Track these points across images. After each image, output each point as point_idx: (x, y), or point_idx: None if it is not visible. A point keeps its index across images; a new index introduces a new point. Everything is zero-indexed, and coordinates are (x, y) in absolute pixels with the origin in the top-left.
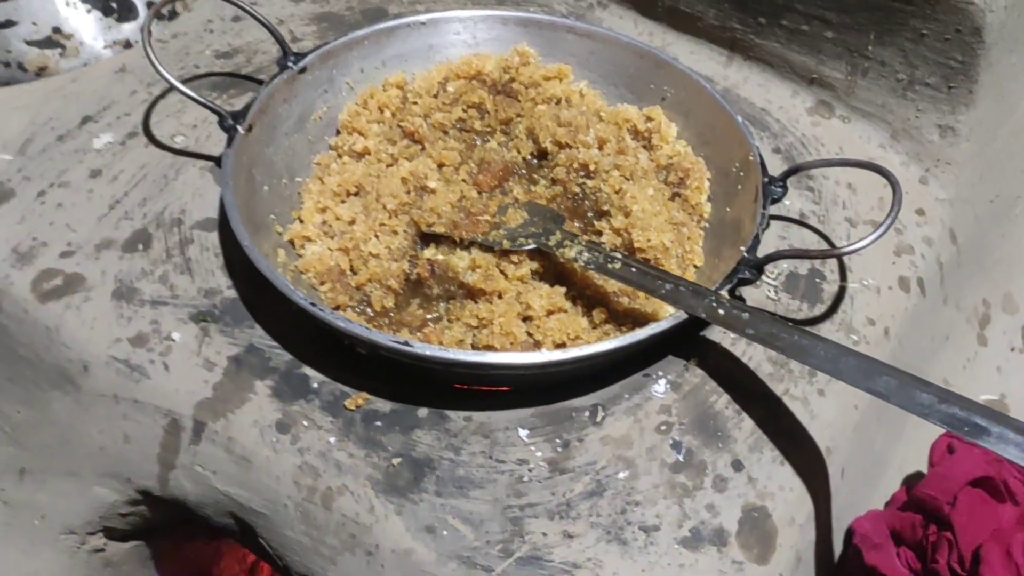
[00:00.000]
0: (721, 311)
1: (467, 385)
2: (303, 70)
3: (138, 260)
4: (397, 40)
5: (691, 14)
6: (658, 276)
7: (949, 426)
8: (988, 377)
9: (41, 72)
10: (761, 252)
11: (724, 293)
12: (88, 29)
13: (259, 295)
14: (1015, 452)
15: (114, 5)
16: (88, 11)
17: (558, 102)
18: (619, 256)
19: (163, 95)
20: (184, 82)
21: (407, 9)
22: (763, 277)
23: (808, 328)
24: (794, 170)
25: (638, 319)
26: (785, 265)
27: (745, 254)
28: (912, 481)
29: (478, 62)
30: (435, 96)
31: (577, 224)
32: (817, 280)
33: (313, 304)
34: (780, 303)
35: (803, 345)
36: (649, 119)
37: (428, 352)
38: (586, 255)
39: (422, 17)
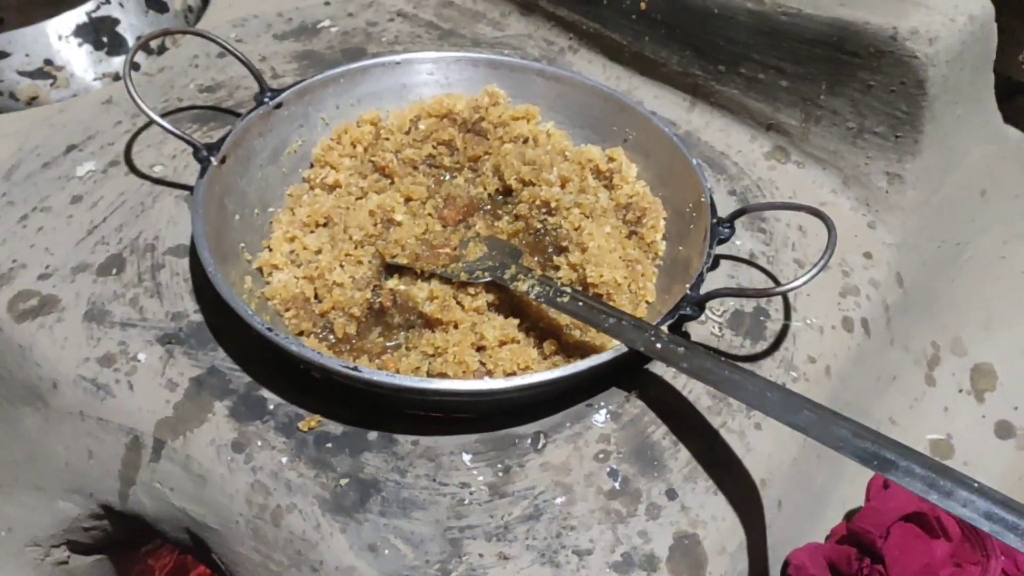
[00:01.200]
0: (659, 345)
1: (417, 411)
2: (279, 105)
3: (111, 283)
4: (372, 79)
5: (655, 60)
6: (602, 311)
7: (860, 459)
8: (935, 417)
9: (32, 101)
10: (707, 290)
11: (666, 329)
12: (79, 61)
13: (223, 320)
14: (920, 486)
15: (104, 39)
16: (79, 44)
17: (525, 141)
18: (568, 291)
19: (146, 126)
20: (167, 114)
21: (385, 50)
22: (708, 314)
23: (748, 365)
24: (741, 212)
25: (587, 351)
26: (731, 303)
27: (688, 291)
28: (853, 516)
29: (449, 101)
30: (407, 133)
31: (537, 259)
32: (761, 318)
33: (269, 329)
34: (723, 339)
35: (733, 380)
36: (611, 159)
37: (376, 377)
38: (537, 289)
39: (396, 57)
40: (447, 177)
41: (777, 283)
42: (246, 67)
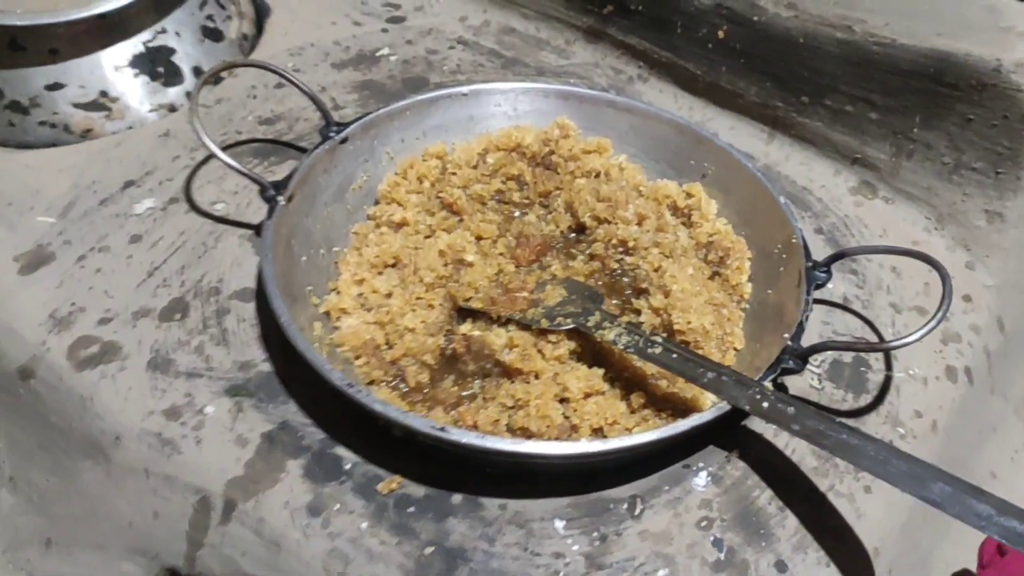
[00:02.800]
0: (765, 404)
1: (504, 472)
2: (344, 140)
3: (175, 330)
4: (438, 111)
5: (732, 91)
6: (700, 364)
7: (1008, 540)
8: None
9: (86, 134)
10: (805, 339)
11: (768, 383)
12: (134, 93)
13: (294, 369)
14: None
15: (160, 70)
16: (135, 75)
17: (597, 176)
18: (659, 340)
19: (205, 161)
20: (226, 148)
21: (448, 79)
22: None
23: (854, 421)
24: (839, 256)
25: (677, 404)
26: (829, 355)
27: (789, 342)
28: None
29: (518, 134)
30: (474, 167)
31: (615, 301)
32: (862, 369)
33: (350, 385)
34: (824, 392)
35: (851, 445)
36: (689, 195)
37: (465, 440)
38: (625, 338)
39: (464, 88)
40: (517, 214)
41: (875, 329)
42: (311, 100)
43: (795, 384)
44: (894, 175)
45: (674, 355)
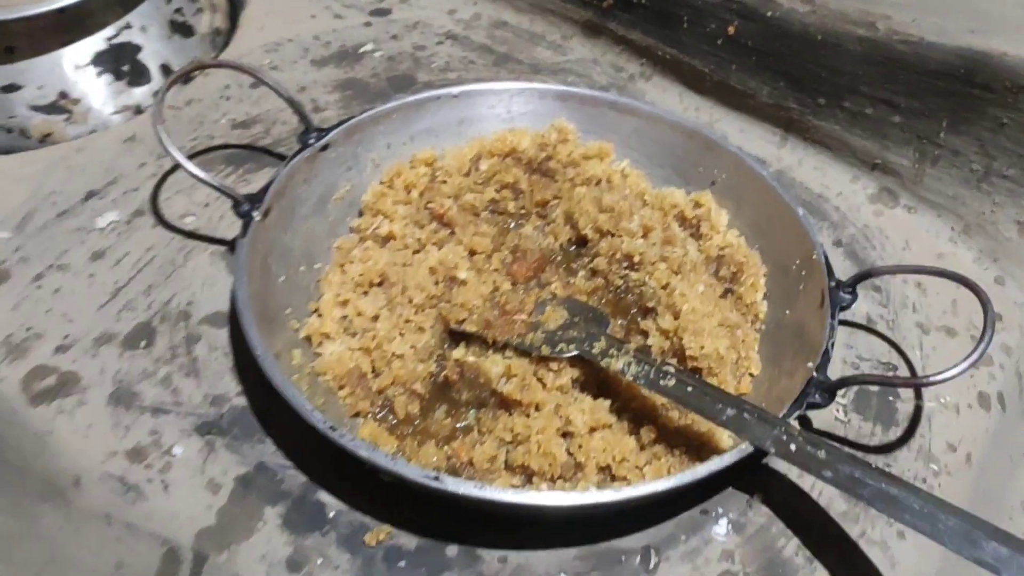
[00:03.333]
0: (793, 446)
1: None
2: (325, 147)
3: (139, 359)
4: (427, 113)
5: (742, 91)
6: (718, 398)
7: None
8: None
9: (46, 139)
10: (831, 371)
11: (793, 421)
12: (97, 94)
13: (271, 403)
14: None
15: (125, 68)
16: (98, 75)
17: (599, 183)
18: (672, 371)
19: (173, 169)
20: (196, 155)
21: (437, 78)
22: None
23: (884, 458)
24: (865, 275)
25: (692, 439)
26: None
27: (815, 373)
28: None
29: (513, 138)
30: (466, 175)
31: (620, 321)
32: (890, 398)
33: (333, 428)
34: (850, 425)
35: (892, 496)
36: (698, 205)
37: (462, 491)
38: (634, 367)
39: (454, 89)
40: (513, 225)
41: (902, 354)
42: (289, 103)
43: (818, 416)
44: (917, 182)
45: (689, 388)
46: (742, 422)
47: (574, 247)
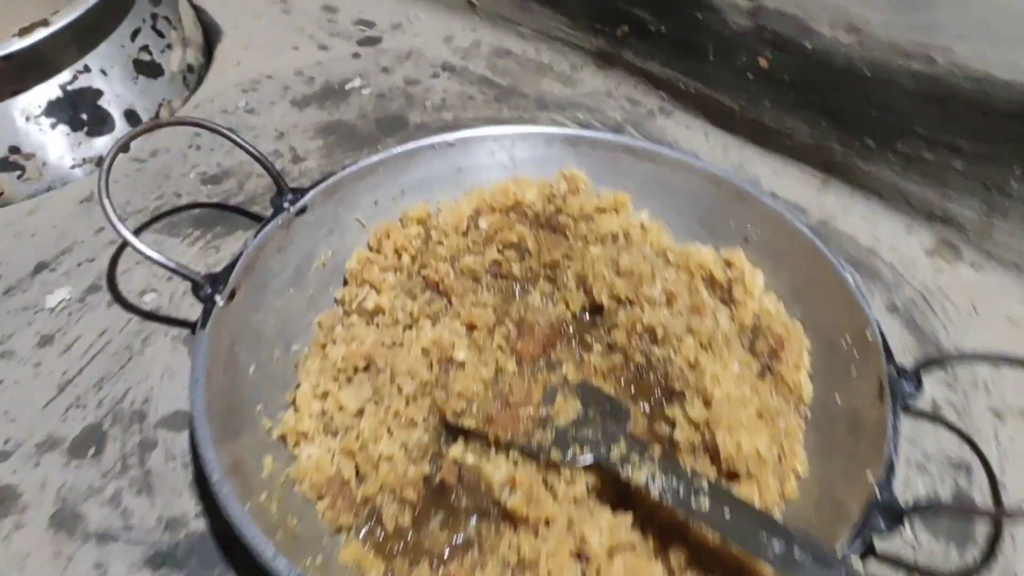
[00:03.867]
0: None
1: None
2: (303, 210)
3: (86, 470)
4: (420, 164)
5: (778, 130)
6: (763, 526)
7: None
8: None
9: None
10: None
11: (855, 559)
12: (53, 147)
13: None
14: None
15: (84, 117)
16: (53, 126)
17: (615, 239)
18: (706, 488)
19: (135, 233)
20: (162, 216)
21: (431, 118)
22: None
23: None
24: (934, 362)
25: (730, 565)
26: (920, 485)
27: (877, 493)
28: None
29: (517, 190)
30: (464, 234)
31: (644, 405)
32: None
33: None
34: (921, 548)
35: None
36: (729, 264)
37: None
38: (661, 480)
39: (449, 136)
40: (518, 292)
41: (974, 447)
42: (259, 162)
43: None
44: (984, 236)
45: (727, 511)
46: (791, 563)
47: (588, 317)
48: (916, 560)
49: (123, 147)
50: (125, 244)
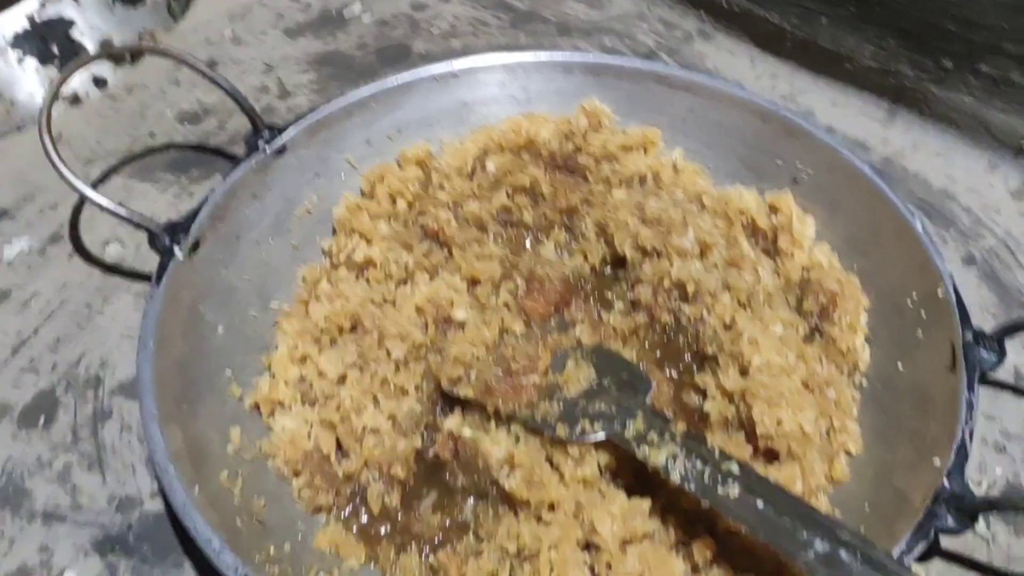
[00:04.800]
0: None
1: None
2: (281, 150)
3: (36, 442)
4: (418, 97)
5: (836, 52)
6: (802, 520)
7: None
8: None
9: None
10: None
11: (914, 564)
12: (22, 83)
13: None
14: None
15: (54, 49)
16: (20, 60)
17: (642, 182)
18: (736, 473)
19: (102, 179)
20: (134, 159)
21: (437, 48)
22: None
23: None
24: (1019, 326)
25: (762, 560)
26: (998, 470)
27: (946, 483)
28: None
29: (530, 126)
30: (469, 176)
31: (669, 373)
32: None
33: None
34: (996, 544)
35: None
36: (774, 210)
37: None
38: (683, 463)
39: (453, 66)
40: (529, 243)
41: None
42: (232, 97)
43: None
44: None
45: (759, 501)
46: (838, 565)
47: (609, 270)
48: (991, 560)
49: (63, 80)
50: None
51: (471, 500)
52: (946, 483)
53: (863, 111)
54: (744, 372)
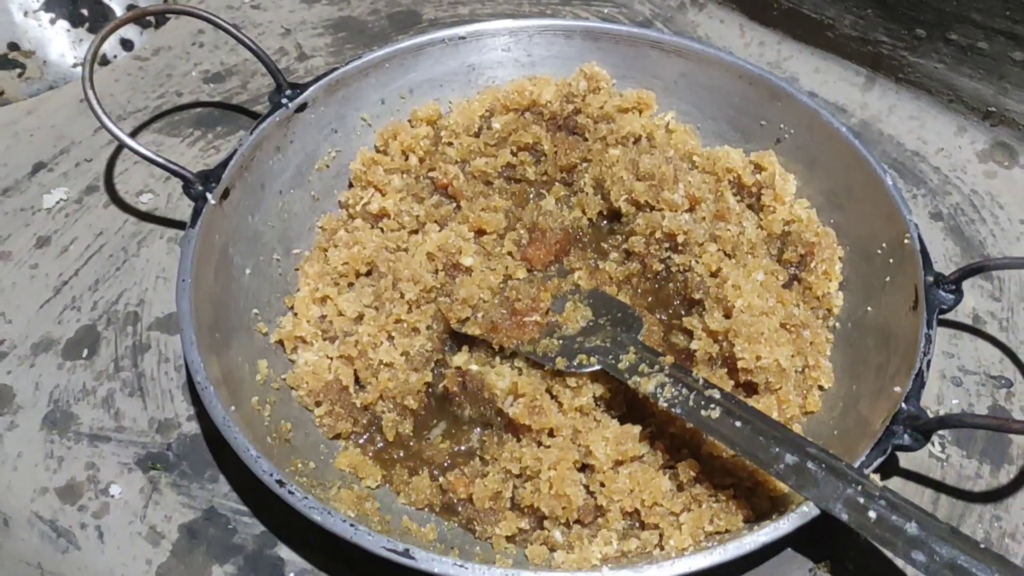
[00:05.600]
0: (872, 513)
1: None
2: (303, 107)
3: (80, 372)
4: (429, 60)
5: (819, 21)
6: (775, 438)
7: None
8: None
9: None
10: (925, 389)
11: (877, 478)
12: (54, 44)
13: None
14: None
15: (84, 12)
16: (52, 21)
17: (637, 142)
18: (717, 398)
19: (133, 134)
20: (163, 115)
21: (446, 13)
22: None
23: (993, 508)
24: (975, 270)
25: (743, 478)
26: (955, 400)
27: (904, 404)
28: None
29: (533, 88)
30: (476, 135)
31: (659, 316)
32: None
33: (281, 483)
34: (949, 464)
35: None
36: (758, 168)
37: (438, 570)
38: (669, 390)
39: (461, 30)
40: (532, 196)
41: (1018, 363)
42: (257, 56)
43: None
44: None
45: (738, 423)
46: (805, 474)
47: (605, 223)
48: (944, 478)
49: (104, 38)
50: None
51: (477, 429)
52: (904, 406)
53: (843, 77)
54: (728, 314)
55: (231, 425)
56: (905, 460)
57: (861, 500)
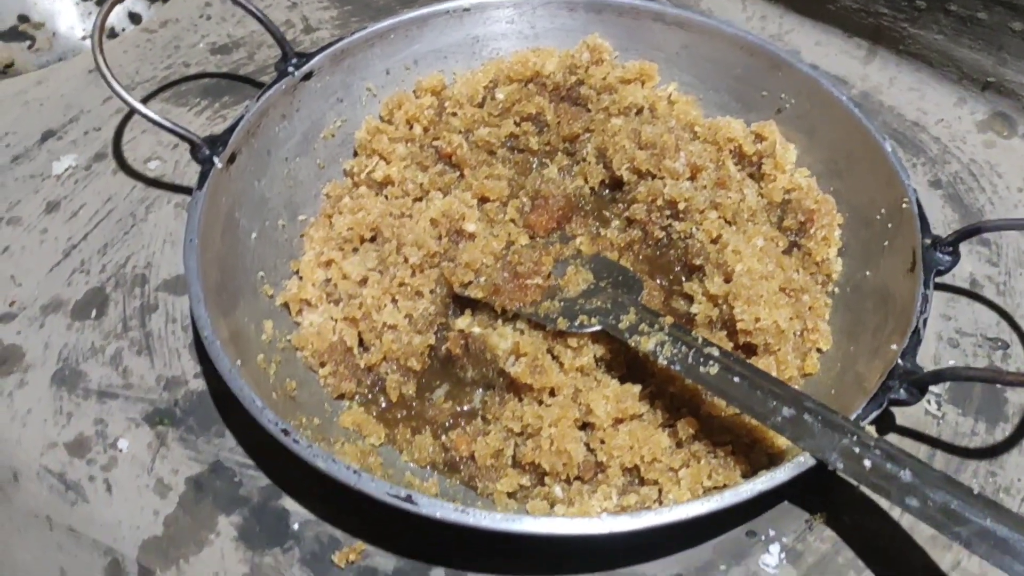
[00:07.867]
0: (867, 462)
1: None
2: (309, 75)
3: (88, 332)
4: (433, 31)
5: None
6: (772, 393)
7: None
8: None
9: (7, 69)
10: (922, 350)
11: (872, 429)
12: (63, 16)
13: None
14: None
15: None
16: None
17: (639, 112)
18: (716, 355)
19: (142, 102)
20: (171, 86)
21: None
22: None
23: (987, 463)
24: (971, 232)
25: (741, 435)
26: (952, 362)
27: (900, 360)
28: None
29: (536, 60)
30: (480, 105)
31: (660, 281)
32: (998, 386)
33: (286, 432)
34: (945, 421)
35: (1000, 538)
36: (759, 138)
37: (440, 514)
38: (669, 348)
39: (465, 2)
40: (535, 165)
41: (1015, 326)
42: (263, 24)
43: (905, 409)
44: None
45: (736, 379)
46: (801, 426)
47: (607, 191)
48: (939, 434)
49: (113, 4)
50: (132, 113)
51: (480, 390)
52: (900, 362)
53: (845, 49)
54: (728, 278)
55: (237, 377)
56: (901, 417)
57: (856, 450)
